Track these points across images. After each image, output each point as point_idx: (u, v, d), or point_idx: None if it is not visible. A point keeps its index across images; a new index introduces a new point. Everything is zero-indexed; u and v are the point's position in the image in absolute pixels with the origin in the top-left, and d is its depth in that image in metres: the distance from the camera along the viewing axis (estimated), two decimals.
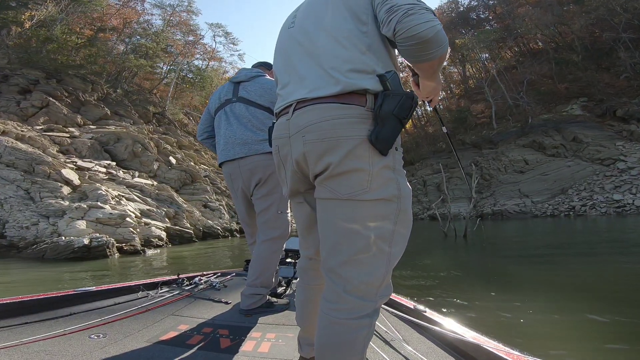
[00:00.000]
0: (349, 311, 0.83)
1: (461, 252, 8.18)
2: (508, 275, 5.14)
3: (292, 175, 0.97)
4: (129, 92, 22.46)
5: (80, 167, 11.73)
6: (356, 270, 0.83)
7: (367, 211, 0.83)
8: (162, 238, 10.51)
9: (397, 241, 0.86)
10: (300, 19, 0.99)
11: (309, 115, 0.87)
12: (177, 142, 19.19)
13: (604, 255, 6.46)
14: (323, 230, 0.90)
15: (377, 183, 0.83)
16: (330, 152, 0.83)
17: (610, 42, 26.38)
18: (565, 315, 3.13)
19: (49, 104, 15.75)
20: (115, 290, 1.99)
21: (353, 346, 0.82)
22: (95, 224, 8.99)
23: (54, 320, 1.51)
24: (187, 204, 13.67)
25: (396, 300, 1.86)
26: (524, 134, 25.30)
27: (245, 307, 1.81)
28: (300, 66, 0.93)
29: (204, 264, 7.65)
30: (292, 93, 0.93)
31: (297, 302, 1.11)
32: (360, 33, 0.87)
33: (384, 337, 1.46)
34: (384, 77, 0.84)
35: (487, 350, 1.15)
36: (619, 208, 17.00)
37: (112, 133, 14.88)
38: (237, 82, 1.96)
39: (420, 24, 0.74)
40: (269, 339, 1.44)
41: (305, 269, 1.09)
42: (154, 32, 27.54)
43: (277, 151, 1.00)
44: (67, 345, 1.26)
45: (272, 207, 1.88)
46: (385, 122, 0.81)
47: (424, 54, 0.78)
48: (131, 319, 1.61)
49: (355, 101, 0.84)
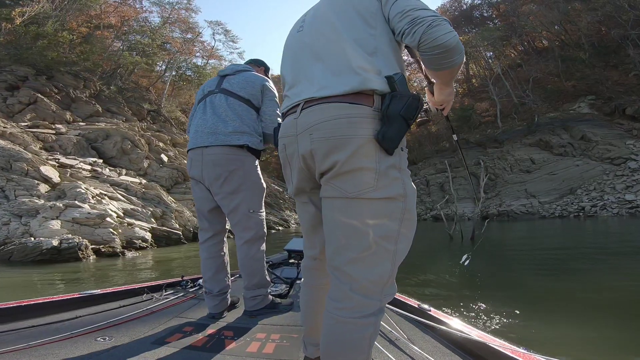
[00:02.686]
0: (354, 310, 0.83)
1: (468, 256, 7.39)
2: (524, 288, 4.45)
3: (299, 173, 0.97)
4: (123, 89, 21.89)
5: (63, 164, 11.12)
6: (363, 268, 0.84)
7: (374, 209, 0.84)
8: (147, 239, 9.85)
9: (402, 239, 0.87)
10: (309, 22, 1.02)
11: (316, 114, 0.88)
12: (171, 139, 18.59)
13: (629, 261, 5.73)
14: (329, 229, 0.91)
15: (384, 182, 0.84)
16: (338, 150, 0.84)
17: (619, 39, 25.78)
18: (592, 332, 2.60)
19: (37, 100, 15.21)
20: (120, 293, 2.00)
21: (359, 345, 0.83)
22: (71, 224, 8.35)
23: (60, 323, 1.52)
24: (177, 204, 13.01)
25: (400, 299, 1.84)
26: (530, 133, 24.59)
27: (249, 308, 1.81)
28: (309, 67, 0.95)
29: (187, 268, 6.98)
30: (300, 93, 0.94)
31: (301, 303, 1.11)
32: (368, 36, 0.89)
33: (389, 336, 1.44)
34: (392, 78, 0.85)
35: (493, 349, 1.13)
36: (631, 209, 16.25)
37: (101, 130, 14.29)
38: (223, 76, 1.95)
39: (445, 34, 0.79)
40: (273, 340, 1.43)
41: (309, 269, 1.09)
42: (150, 29, 26.99)
43: (283, 149, 1.01)
44: (74, 348, 1.27)
45: (241, 207, 1.78)
46: (392, 122, 0.83)
47: (446, 62, 0.83)
48: (137, 321, 1.62)
49: (363, 101, 0.85)
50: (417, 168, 29.85)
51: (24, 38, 18.97)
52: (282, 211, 25.88)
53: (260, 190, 1.85)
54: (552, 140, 22.98)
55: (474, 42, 32.13)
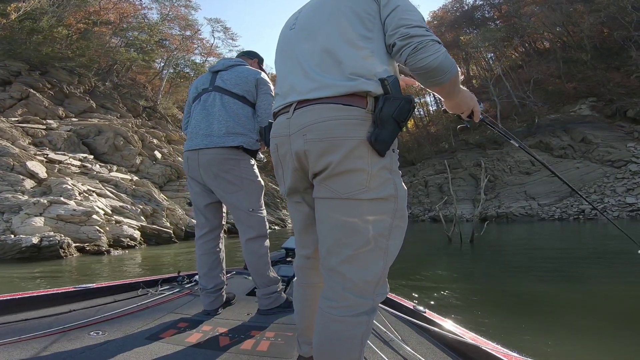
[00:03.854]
0: (348, 309, 0.84)
1: (469, 261, 7.04)
2: (521, 292, 4.24)
3: (293, 173, 0.96)
4: (119, 85, 21.64)
5: (52, 159, 10.86)
6: (356, 268, 0.85)
7: (366, 210, 0.84)
8: (135, 238, 9.59)
9: (393, 239, 0.88)
10: (303, 20, 1.00)
11: (310, 115, 0.88)
12: (166, 136, 18.32)
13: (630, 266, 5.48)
14: (322, 229, 0.91)
15: (376, 183, 0.85)
16: (331, 151, 0.84)
17: (621, 41, 25.53)
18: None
19: (29, 95, 14.97)
20: (115, 288, 1.98)
21: (351, 343, 0.84)
22: (55, 221, 8.10)
23: (53, 317, 1.49)
24: (169, 201, 12.75)
25: (396, 300, 1.83)
26: (530, 134, 24.31)
27: (263, 307, 1.79)
28: (303, 67, 0.94)
29: (171, 267, 6.74)
30: (293, 93, 0.94)
31: (294, 302, 1.10)
32: (365, 38, 0.89)
33: (383, 337, 1.43)
34: (386, 81, 0.85)
35: (485, 351, 1.14)
36: (632, 212, 16.05)
37: (93, 125, 14.04)
38: (215, 72, 1.92)
39: (427, 56, 0.81)
40: (268, 338, 1.42)
41: (302, 268, 1.09)
42: (148, 25, 26.73)
43: (275, 149, 1.00)
44: (67, 342, 1.25)
45: (240, 206, 1.79)
46: (384, 125, 0.83)
47: (434, 80, 0.86)
48: (131, 316, 1.60)
49: (356, 102, 0.85)
50: (416, 169, 29.59)
51: (18, 33, 18.74)
52: (278, 210, 25.63)
53: (257, 188, 1.85)
54: (553, 142, 22.72)
55: (475, 42, 31.86)
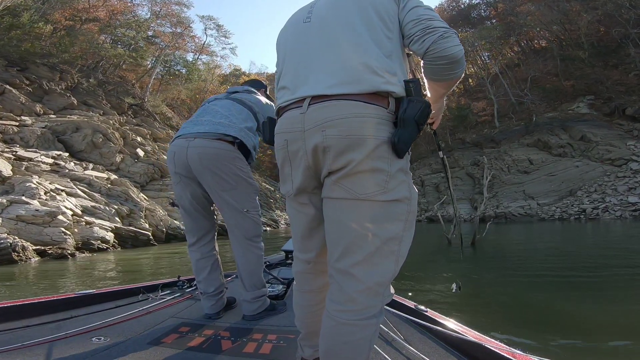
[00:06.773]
0: (357, 312, 0.82)
1: (472, 266, 6.30)
2: (522, 293, 3.90)
3: (304, 171, 0.92)
4: (104, 82, 20.91)
5: (21, 157, 10.14)
6: (369, 270, 0.83)
7: (382, 212, 0.83)
8: (107, 240, 8.89)
9: (405, 241, 0.87)
10: (321, 14, 0.96)
11: (331, 110, 0.85)
12: (151, 134, 17.61)
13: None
14: (334, 231, 0.88)
15: (393, 184, 0.84)
16: (353, 149, 0.82)
17: (619, 38, 25.23)
18: None
19: (5, 91, 14.25)
20: (116, 293, 1.97)
21: (360, 346, 0.83)
22: (15, 222, 7.39)
23: (55, 323, 1.49)
24: (150, 201, 12.02)
25: (397, 300, 1.77)
26: (528, 133, 23.86)
27: (250, 313, 1.70)
28: (319, 61, 0.91)
29: (141, 274, 6.04)
30: (305, 87, 0.90)
31: (295, 307, 1.07)
32: (386, 38, 0.89)
33: (386, 337, 1.40)
34: (411, 83, 0.86)
35: (489, 350, 1.13)
36: (635, 211, 15.51)
37: (71, 122, 13.32)
38: (231, 92, 1.92)
39: (453, 46, 0.82)
40: (270, 341, 1.40)
41: (302, 274, 1.03)
42: (136, 22, 26.03)
43: (284, 146, 0.94)
44: (69, 348, 1.25)
45: (234, 204, 1.68)
46: (406, 126, 0.82)
47: (449, 73, 0.86)
48: (133, 321, 1.59)
49: (379, 102, 0.85)
50: (412, 168, 27.97)
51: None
52: (271, 211, 24.98)
53: (252, 189, 1.75)
54: (551, 141, 22.25)
55: (471, 40, 31.45)
